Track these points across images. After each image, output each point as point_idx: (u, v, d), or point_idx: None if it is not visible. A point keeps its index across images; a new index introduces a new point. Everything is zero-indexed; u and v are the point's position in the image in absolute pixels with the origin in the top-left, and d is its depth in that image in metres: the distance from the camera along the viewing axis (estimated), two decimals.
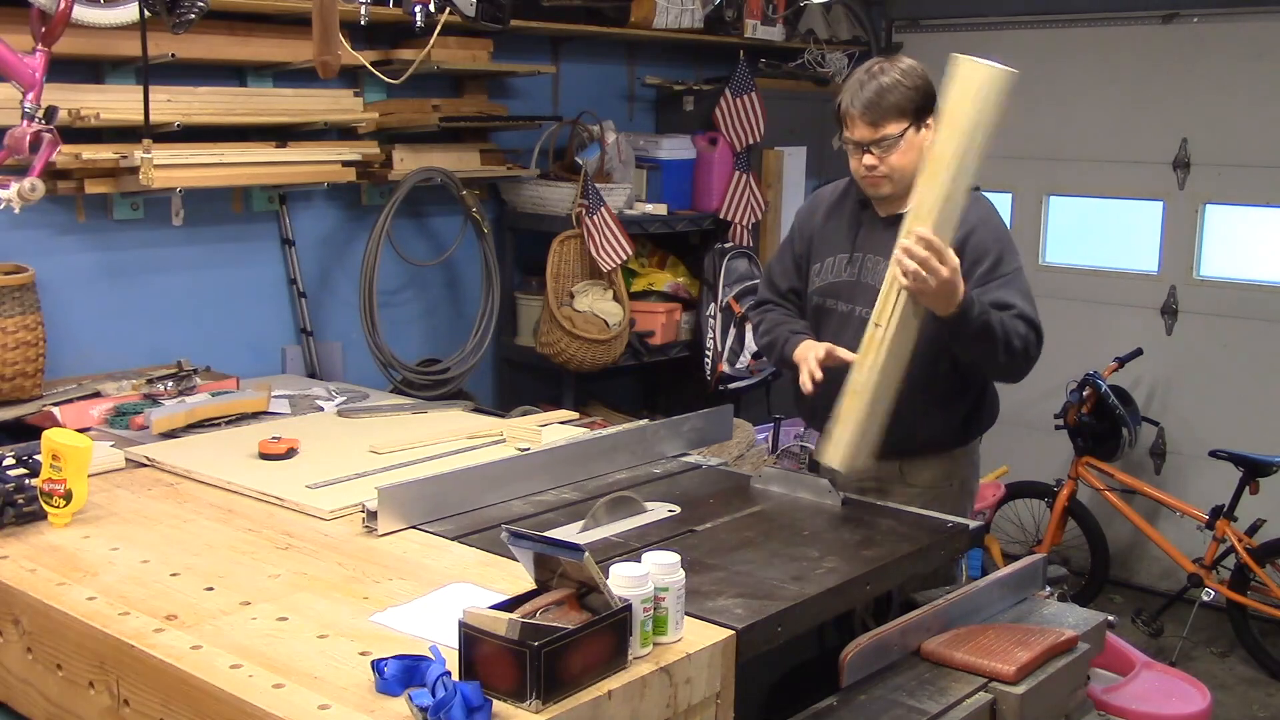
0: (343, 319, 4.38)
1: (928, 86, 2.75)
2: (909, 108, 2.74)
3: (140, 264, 3.87)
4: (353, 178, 4.06)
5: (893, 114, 2.73)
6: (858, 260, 2.88)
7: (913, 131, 2.75)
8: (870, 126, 2.75)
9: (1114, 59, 5.37)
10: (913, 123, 2.75)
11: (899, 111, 2.73)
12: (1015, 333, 2.66)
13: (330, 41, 3.20)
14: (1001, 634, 2.35)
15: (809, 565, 2.29)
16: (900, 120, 2.74)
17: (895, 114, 2.73)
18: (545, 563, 1.84)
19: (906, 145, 2.75)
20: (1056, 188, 5.62)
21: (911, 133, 2.75)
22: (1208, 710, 3.29)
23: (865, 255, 2.87)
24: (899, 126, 2.74)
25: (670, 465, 3.00)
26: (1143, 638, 4.78)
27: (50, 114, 2.97)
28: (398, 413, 3.42)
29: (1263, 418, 5.07)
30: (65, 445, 2.41)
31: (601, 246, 4.57)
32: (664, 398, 5.43)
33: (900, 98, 2.73)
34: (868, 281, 2.83)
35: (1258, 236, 5.18)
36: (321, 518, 2.51)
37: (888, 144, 2.74)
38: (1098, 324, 5.46)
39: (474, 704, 1.61)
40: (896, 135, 2.74)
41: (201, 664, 1.82)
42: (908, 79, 2.74)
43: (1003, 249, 2.77)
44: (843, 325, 2.88)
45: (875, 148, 2.75)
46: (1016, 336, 2.66)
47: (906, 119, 2.74)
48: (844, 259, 2.91)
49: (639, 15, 4.86)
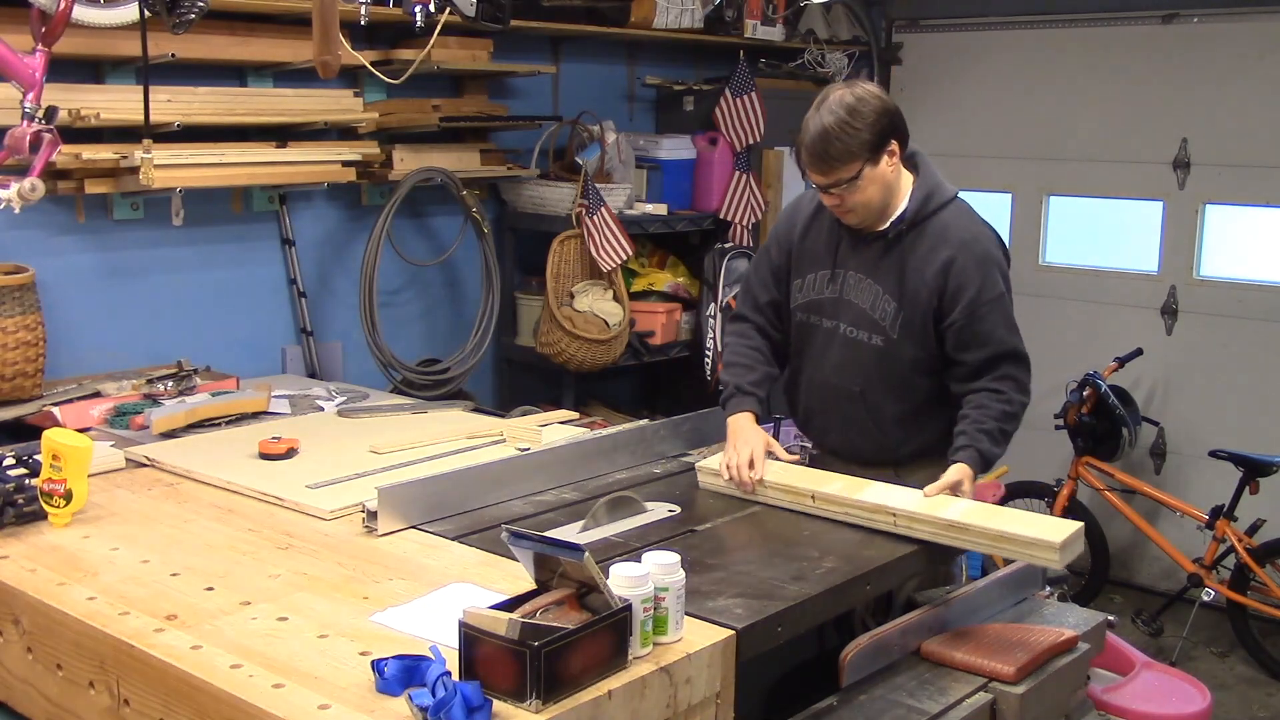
0: (343, 319, 4.38)
1: (882, 118, 2.67)
2: (859, 149, 2.65)
3: (140, 264, 3.87)
4: (353, 178, 4.06)
5: (842, 159, 2.65)
6: (839, 276, 2.86)
7: (869, 168, 2.68)
8: (821, 175, 2.70)
9: (1114, 59, 5.37)
10: (867, 160, 2.67)
11: (848, 155, 2.65)
12: (1008, 413, 2.71)
13: (330, 41, 3.19)
14: (1001, 634, 2.35)
15: (809, 565, 2.29)
16: (852, 163, 2.66)
17: (845, 158, 2.65)
18: (545, 563, 1.84)
19: (865, 181, 2.69)
20: (1056, 188, 5.61)
21: (868, 169, 2.68)
22: (1208, 710, 3.29)
23: (846, 271, 2.85)
24: (851, 169, 2.66)
25: (670, 465, 3.00)
26: (1143, 638, 4.77)
27: (50, 114, 2.96)
28: (398, 413, 3.42)
29: (1263, 418, 5.06)
30: (65, 445, 2.41)
31: (601, 246, 4.57)
32: (664, 398, 5.43)
33: (848, 142, 2.63)
34: (849, 298, 2.84)
35: (1258, 236, 5.18)
36: (321, 518, 2.51)
37: (843, 186, 2.70)
38: (1098, 324, 5.45)
39: (474, 704, 1.61)
40: (850, 177, 2.68)
41: (201, 664, 1.82)
42: (857, 119, 2.63)
43: (984, 275, 2.73)
44: (828, 341, 2.89)
45: (833, 189, 2.72)
46: (1009, 416, 2.71)
47: (858, 160, 2.66)
48: (825, 275, 2.87)
49: (639, 15, 4.86)
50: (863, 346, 2.82)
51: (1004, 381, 2.72)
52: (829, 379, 2.89)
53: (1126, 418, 4.89)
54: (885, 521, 2.46)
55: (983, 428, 2.67)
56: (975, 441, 2.66)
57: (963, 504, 2.50)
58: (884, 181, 2.71)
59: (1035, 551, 2.31)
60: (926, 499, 2.49)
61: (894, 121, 2.70)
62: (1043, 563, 2.35)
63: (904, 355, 2.79)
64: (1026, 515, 2.42)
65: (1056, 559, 2.29)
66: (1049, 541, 2.28)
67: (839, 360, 2.87)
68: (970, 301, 2.72)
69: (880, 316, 2.79)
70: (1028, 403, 2.76)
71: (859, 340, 2.82)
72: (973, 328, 2.72)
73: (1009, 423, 2.71)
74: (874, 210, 2.75)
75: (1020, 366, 2.75)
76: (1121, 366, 5.06)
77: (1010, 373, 2.73)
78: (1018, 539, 2.32)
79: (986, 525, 2.36)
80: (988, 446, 2.66)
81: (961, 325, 2.73)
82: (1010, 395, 2.71)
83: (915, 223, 2.77)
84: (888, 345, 2.79)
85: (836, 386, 2.88)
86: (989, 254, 2.77)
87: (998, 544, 2.35)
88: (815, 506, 2.56)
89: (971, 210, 2.85)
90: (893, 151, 2.71)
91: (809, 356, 2.94)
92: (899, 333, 2.78)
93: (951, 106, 5.86)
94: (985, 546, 2.40)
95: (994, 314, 2.73)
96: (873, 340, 2.81)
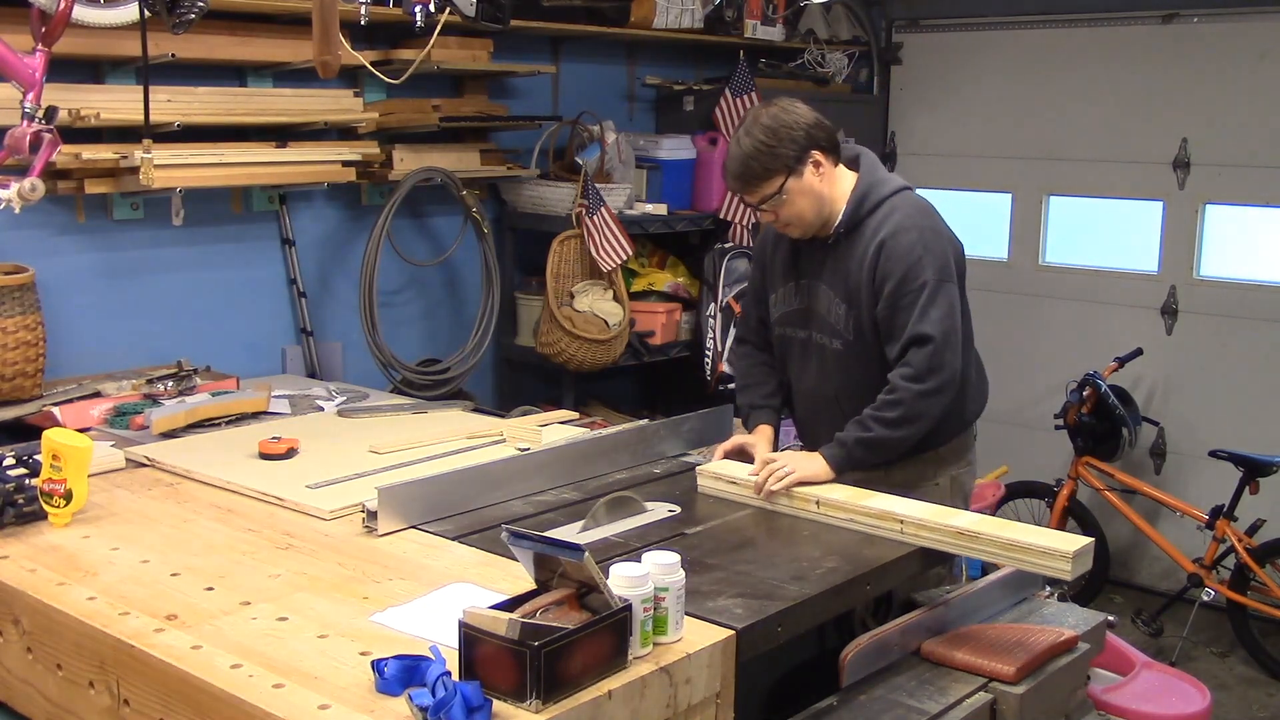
0: (343, 319, 4.38)
1: (797, 132, 2.71)
2: (777, 165, 2.71)
3: (140, 264, 3.87)
4: (353, 178, 4.06)
5: (762, 178, 2.73)
6: (804, 287, 2.89)
7: (792, 180, 2.72)
8: (747, 194, 2.78)
9: (1114, 59, 5.37)
10: (789, 173, 2.72)
11: (767, 172, 2.72)
12: (887, 402, 2.65)
13: (330, 41, 3.19)
14: (1001, 634, 2.35)
15: (809, 565, 2.29)
16: (773, 180, 2.72)
17: (765, 176, 2.72)
18: (545, 563, 1.84)
19: (792, 195, 2.74)
20: (1056, 188, 5.61)
21: (792, 182, 2.72)
22: (1208, 710, 3.30)
23: (809, 281, 2.88)
24: (774, 185, 2.73)
25: (670, 465, 3.00)
26: (1143, 638, 4.78)
27: (50, 114, 2.96)
28: (398, 413, 3.42)
29: (1263, 418, 5.06)
30: (65, 445, 2.41)
31: (601, 246, 4.57)
32: (664, 398, 5.43)
33: (765, 161, 2.71)
34: (813, 307, 2.86)
35: (1258, 236, 5.18)
36: (321, 518, 2.51)
37: (772, 202, 2.75)
38: (1098, 324, 5.45)
39: (474, 704, 1.61)
40: (775, 193, 2.73)
41: (201, 664, 1.82)
42: (772, 137, 2.70)
43: (908, 265, 2.70)
44: (804, 352, 2.92)
45: (763, 206, 2.78)
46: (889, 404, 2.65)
47: (779, 174, 2.72)
48: (792, 287, 2.92)
49: (639, 15, 4.86)
50: (828, 351, 2.86)
51: (900, 370, 2.68)
52: (809, 387, 2.93)
53: (1126, 418, 4.89)
54: (892, 529, 2.45)
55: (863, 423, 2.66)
56: (846, 436, 2.66)
57: (972, 514, 2.48)
58: (812, 193, 2.75)
59: (1047, 561, 2.28)
60: (935, 507, 2.48)
61: (813, 134, 2.74)
62: (1054, 573, 2.32)
63: (863, 355, 2.80)
64: (1035, 529, 2.41)
65: (1068, 569, 2.26)
66: (1062, 551, 2.26)
67: (815, 368, 2.91)
68: (891, 293, 2.71)
69: (835, 320, 2.82)
70: (928, 387, 2.65)
71: (824, 345, 2.86)
72: (893, 319, 2.71)
73: (889, 410, 2.65)
74: (809, 221, 2.79)
75: (922, 348, 2.66)
76: (1121, 366, 5.06)
77: (910, 358, 2.67)
78: (1031, 548, 2.30)
79: (997, 534, 2.34)
80: (860, 444, 2.64)
81: (885, 316, 2.73)
82: (896, 383, 2.66)
83: (853, 223, 2.79)
84: (847, 347, 2.82)
85: (816, 394, 2.90)
86: (915, 243, 2.72)
87: (1008, 553, 2.33)
88: (820, 513, 2.56)
89: (916, 201, 2.83)
90: (817, 163, 2.74)
91: (792, 368, 2.98)
92: (853, 334, 2.80)
93: (951, 106, 5.86)
94: (995, 555, 2.38)
95: (915, 304, 2.69)
96: (834, 344, 2.84)
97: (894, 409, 2.65)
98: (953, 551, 2.41)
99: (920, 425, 2.68)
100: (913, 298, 2.69)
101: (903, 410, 2.65)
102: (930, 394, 2.66)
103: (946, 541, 2.39)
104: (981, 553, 2.38)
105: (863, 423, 2.67)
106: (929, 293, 2.68)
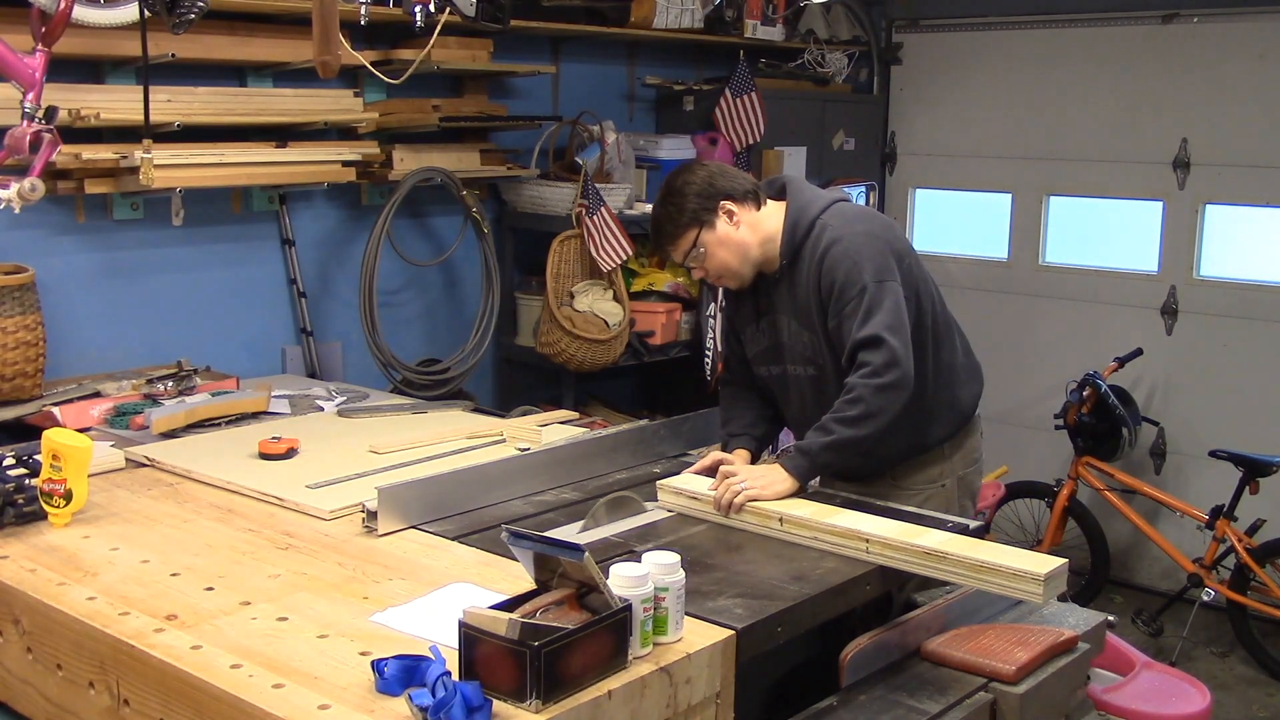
0: (343, 319, 4.38)
1: (698, 186, 2.75)
2: (686, 223, 2.75)
3: (140, 264, 3.87)
4: (353, 178, 4.06)
5: (675, 237, 2.78)
6: (768, 324, 2.89)
7: (707, 233, 2.76)
8: (669, 253, 2.85)
9: (1114, 59, 5.37)
10: (700, 226, 2.76)
11: (677, 231, 2.77)
12: (849, 400, 2.60)
13: (330, 41, 3.19)
14: (1001, 634, 2.35)
15: (809, 565, 2.29)
16: (686, 235, 2.77)
17: (677, 236, 2.77)
18: (545, 563, 1.84)
19: (711, 247, 2.77)
20: (1056, 188, 5.62)
21: (705, 235, 2.76)
22: (1208, 710, 3.29)
23: (772, 316, 2.87)
24: (688, 240, 2.77)
25: (670, 465, 3.00)
26: (1143, 638, 4.78)
27: (50, 114, 2.96)
28: (398, 413, 3.42)
29: (1263, 418, 5.07)
30: (65, 445, 2.41)
31: (601, 246, 4.57)
32: (664, 398, 5.43)
33: (674, 222, 2.77)
34: (782, 340, 2.86)
35: (1258, 236, 5.18)
36: (321, 518, 2.51)
37: (692, 257, 2.80)
38: (1098, 324, 5.45)
39: (474, 704, 1.61)
40: (691, 247, 2.78)
41: (201, 664, 1.82)
42: (676, 197, 2.76)
43: (846, 271, 2.68)
44: (783, 386, 2.92)
45: (689, 263, 2.82)
46: (850, 402, 2.60)
47: (691, 229, 2.76)
48: (758, 326, 2.92)
49: (639, 15, 4.86)
50: (804, 380, 2.85)
51: (856, 371, 2.65)
52: (797, 417, 2.92)
53: (1126, 418, 4.89)
54: (857, 548, 2.35)
55: (824, 428, 2.63)
56: (808, 444, 2.62)
57: (941, 534, 2.38)
58: (731, 242, 2.77)
59: (1019, 584, 2.18)
60: (902, 525, 2.41)
61: (715, 185, 2.76)
62: (1025, 596, 2.21)
63: (837, 377, 2.75)
64: (1007, 549, 2.29)
65: (1040, 592, 2.16)
66: (1033, 573, 2.16)
67: (796, 399, 2.90)
68: (835, 305, 2.71)
69: (802, 349, 2.82)
70: (885, 381, 2.60)
71: (799, 375, 2.86)
72: (841, 329, 2.70)
73: (849, 408, 2.61)
74: (737, 270, 2.81)
75: (872, 349, 2.62)
76: (1121, 366, 5.06)
77: (863, 359, 2.64)
78: (1001, 570, 2.19)
79: (967, 555, 2.24)
80: (823, 448, 2.60)
81: (834, 329, 2.72)
82: (853, 382, 2.63)
83: (792, 252, 2.78)
84: (820, 372, 2.81)
85: (806, 423, 2.85)
86: (846, 252, 2.70)
87: (978, 575, 2.23)
88: (784, 531, 2.47)
89: (845, 210, 2.82)
90: (730, 212, 2.75)
91: (780, 403, 2.98)
92: (822, 357, 2.79)
93: (951, 106, 5.86)
94: (964, 577, 2.26)
95: (857, 311, 2.66)
96: (808, 371, 2.84)
97: (854, 407, 2.61)
98: (918, 573, 2.32)
99: (881, 420, 2.61)
100: (854, 305, 2.67)
101: (862, 407, 2.60)
102: (888, 388, 2.61)
103: (913, 562, 2.29)
104: (950, 574, 2.27)
105: (824, 427, 2.62)
106: (870, 296, 2.66)
